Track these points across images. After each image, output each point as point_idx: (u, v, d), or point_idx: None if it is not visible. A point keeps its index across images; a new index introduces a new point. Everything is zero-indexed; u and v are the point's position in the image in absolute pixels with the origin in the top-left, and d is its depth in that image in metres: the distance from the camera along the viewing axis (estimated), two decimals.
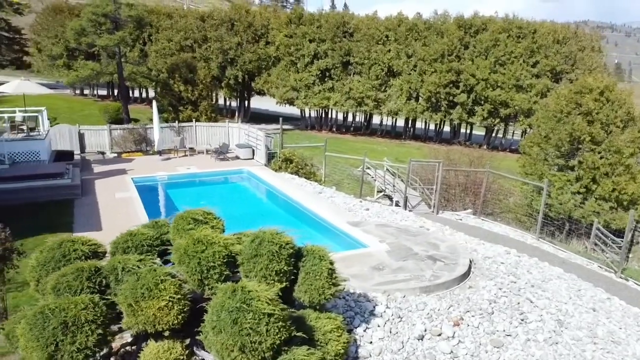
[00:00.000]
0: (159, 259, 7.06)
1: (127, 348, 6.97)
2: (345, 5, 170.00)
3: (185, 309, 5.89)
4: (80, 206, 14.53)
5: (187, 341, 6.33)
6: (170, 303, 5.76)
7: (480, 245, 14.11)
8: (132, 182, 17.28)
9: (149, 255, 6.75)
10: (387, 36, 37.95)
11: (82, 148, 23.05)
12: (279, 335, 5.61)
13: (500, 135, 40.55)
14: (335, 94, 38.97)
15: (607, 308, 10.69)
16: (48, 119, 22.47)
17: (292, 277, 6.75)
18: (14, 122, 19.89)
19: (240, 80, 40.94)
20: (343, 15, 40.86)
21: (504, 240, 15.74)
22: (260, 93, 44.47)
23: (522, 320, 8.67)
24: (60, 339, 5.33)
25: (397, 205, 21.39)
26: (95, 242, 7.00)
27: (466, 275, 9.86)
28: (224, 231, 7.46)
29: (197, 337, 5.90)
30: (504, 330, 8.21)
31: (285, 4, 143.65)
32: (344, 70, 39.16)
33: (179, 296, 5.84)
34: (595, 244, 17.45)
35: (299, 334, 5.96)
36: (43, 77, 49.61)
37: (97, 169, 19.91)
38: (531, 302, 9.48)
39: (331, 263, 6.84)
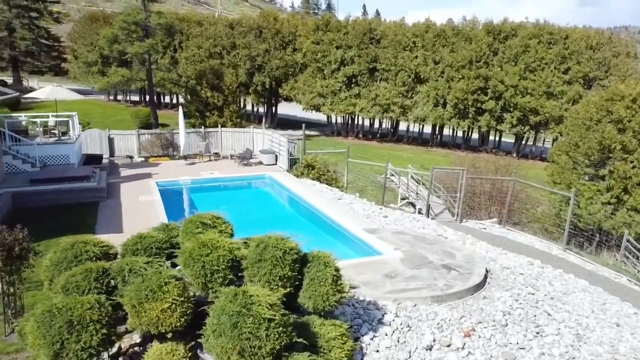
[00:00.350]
0: (168, 261, 7.18)
1: (136, 348, 7.09)
2: (377, 12, 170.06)
3: (188, 312, 5.96)
4: (105, 208, 14.92)
5: (193, 344, 6.40)
6: (174, 305, 5.83)
7: (502, 255, 13.78)
8: (156, 186, 17.64)
9: (157, 258, 6.87)
10: (414, 42, 37.72)
11: (112, 152, 23.71)
12: (279, 341, 5.61)
13: (530, 142, 39.63)
14: (361, 101, 38.94)
15: (633, 324, 10.24)
16: (80, 123, 23.24)
17: (297, 282, 6.75)
18: (47, 126, 20.62)
19: (267, 86, 41.38)
20: (370, 22, 40.87)
21: (528, 251, 15.33)
22: (288, 99, 44.83)
23: (538, 333, 8.41)
24: (65, 338, 5.47)
25: (419, 212, 21.15)
26: (107, 244, 7.16)
27: (481, 285, 9.64)
28: (232, 235, 7.52)
29: (199, 340, 5.95)
30: (517, 343, 7.97)
31: (317, 11, 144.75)
32: (370, 76, 39.09)
33: (182, 299, 5.90)
34: (626, 257, 16.80)
35: (299, 339, 5.94)
36: (79, 84, 51.35)
37: (124, 172, 20.41)
38: (549, 314, 9.18)
39: (336, 270, 6.81)
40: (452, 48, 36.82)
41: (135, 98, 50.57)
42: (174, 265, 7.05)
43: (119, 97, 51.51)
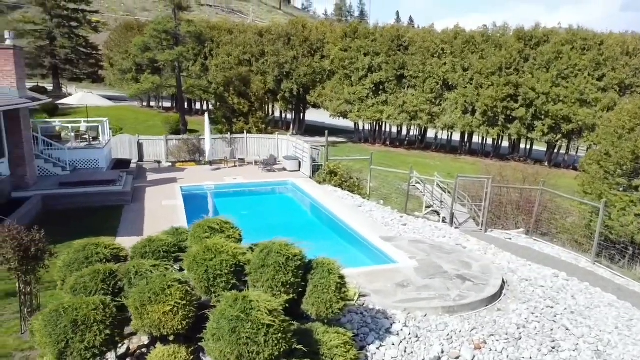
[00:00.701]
0: (177, 264, 7.30)
1: (144, 350, 7.22)
2: (410, 19, 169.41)
3: (190, 315, 6.03)
4: (128, 212, 15.31)
5: (196, 347, 6.47)
6: (176, 308, 5.91)
7: (525, 266, 13.42)
8: (180, 191, 17.98)
9: (164, 261, 7.00)
10: (442, 49, 37.32)
11: (141, 157, 24.35)
12: (277, 347, 5.61)
13: (563, 151, 38.51)
14: (388, 107, 38.73)
15: None
16: (110, 129, 23.97)
17: (300, 289, 6.74)
18: (78, 131, 21.35)
19: (295, 93, 41.68)
20: (398, 28, 40.67)
21: (554, 263, 14.87)
22: (315, 106, 45.02)
23: (553, 348, 8.13)
24: (70, 337, 5.62)
25: (443, 221, 20.82)
26: (118, 247, 7.34)
27: (496, 297, 9.41)
28: (240, 241, 7.58)
29: (200, 344, 6.01)
30: (530, 358, 7.74)
31: (349, 19, 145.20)
32: (398, 83, 38.86)
33: (184, 302, 5.98)
34: None
35: (299, 346, 5.92)
36: (115, 90, 53.00)
37: (151, 177, 20.90)
38: (567, 329, 8.88)
39: (340, 277, 6.77)
40: (482, 54, 36.23)
41: (168, 104, 51.78)
42: (182, 269, 7.17)
43: (152, 104, 52.86)
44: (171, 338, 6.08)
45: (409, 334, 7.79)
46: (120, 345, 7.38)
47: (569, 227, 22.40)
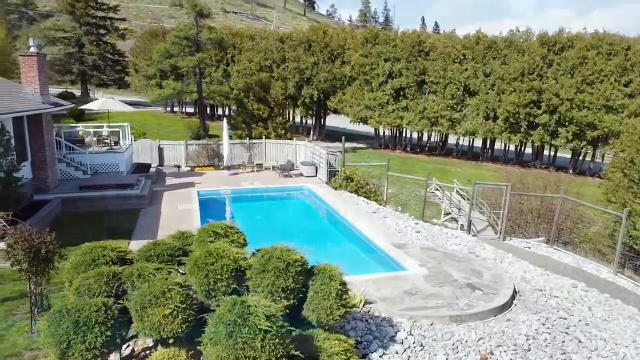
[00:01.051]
0: (181, 268, 7.38)
1: (148, 352, 7.32)
2: (435, 24, 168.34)
3: (190, 319, 6.08)
4: (144, 215, 15.56)
5: (195, 351, 6.52)
6: (175, 312, 5.97)
7: (543, 276, 13.12)
8: (197, 195, 18.20)
9: (169, 265, 7.08)
10: (464, 55, 36.96)
11: (161, 161, 24.77)
12: (274, 353, 5.61)
13: (588, 158, 37.57)
14: (408, 113, 38.50)
15: None
16: (132, 133, 24.46)
17: (301, 295, 6.73)
18: (100, 136, 21.85)
19: (315, 99, 41.81)
20: (419, 34, 40.47)
21: (573, 273, 14.50)
22: (336, 112, 45.07)
23: None
24: (72, 338, 5.73)
25: (461, 229, 20.53)
26: (124, 249, 7.47)
27: (506, 306, 9.21)
28: (245, 245, 7.63)
29: (198, 347, 6.05)
30: None
31: (374, 24, 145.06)
32: (418, 89, 38.62)
33: (184, 306, 6.04)
34: None
35: (297, 352, 5.91)
36: (140, 96, 54.12)
37: (169, 181, 21.22)
38: (580, 341, 8.63)
39: (341, 284, 6.73)
40: (504, 60, 35.73)
41: (191, 110, 52.58)
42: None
43: (175, 109, 53.76)
44: (171, 341, 6.14)
45: (414, 342, 7.69)
46: (125, 347, 7.53)
47: (592, 236, 21.81)
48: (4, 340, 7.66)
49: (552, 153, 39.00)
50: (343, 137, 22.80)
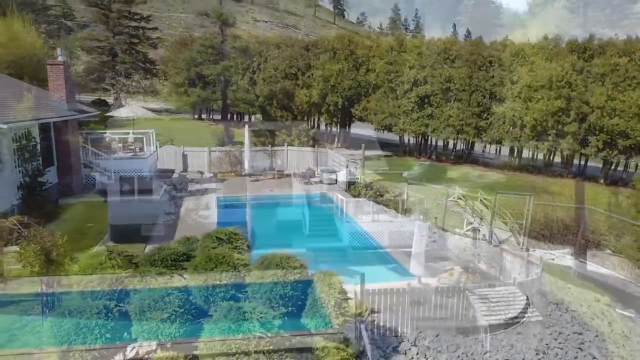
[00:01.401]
0: (185, 272, 7.49)
1: (152, 355, 7.43)
2: (467, 31, 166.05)
3: (187, 323, 6.17)
4: (163, 221, 15.84)
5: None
6: (173, 316, 6.08)
7: (564, 289, 12.76)
8: (216, 201, 18.44)
9: (172, 269, 7.20)
10: (490, 62, 36.38)
11: (185, 167, 25.22)
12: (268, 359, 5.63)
13: (621, 168, 36.28)
14: (433, 121, 38.10)
15: None
16: (158, 140, 25.00)
17: (300, 302, 6.73)
18: (126, 142, 22.41)
19: (340, 106, 41.83)
20: (445, 41, 40.07)
21: (597, 286, 14.06)
22: (361, 119, 44.98)
23: None
24: (72, 339, 5.89)
25: (483, 239, 20.14)
26: (131, 254, 7.64)
27: (517, 319, 8.98)
28: (248, 251, 7.70)
29: (194, 352, 6.12)
30: None
31: (405, 32, 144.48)
32: (443, 97, 38.19)
33: (182, 310, 6.14)
34: None
35: None
36: (170, 103, 55.27)
37: (191, 187, 21.57)
38: (594, 358, 8.33)
39: (340, 292, 6.71)
40: (531, 67, 34.98)
41: (218, 117, 53.39)
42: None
43: (203, 116, 54.69)
44: (169, 345, 6.23)
45: (417, 353, 7.59)
46: (130, 349, 7.67)
47: (621, 249, 21.04)
48: (16, 340, 7.91)
49: (582, 162, 37.87)
50: (363, 145, 22.77)
